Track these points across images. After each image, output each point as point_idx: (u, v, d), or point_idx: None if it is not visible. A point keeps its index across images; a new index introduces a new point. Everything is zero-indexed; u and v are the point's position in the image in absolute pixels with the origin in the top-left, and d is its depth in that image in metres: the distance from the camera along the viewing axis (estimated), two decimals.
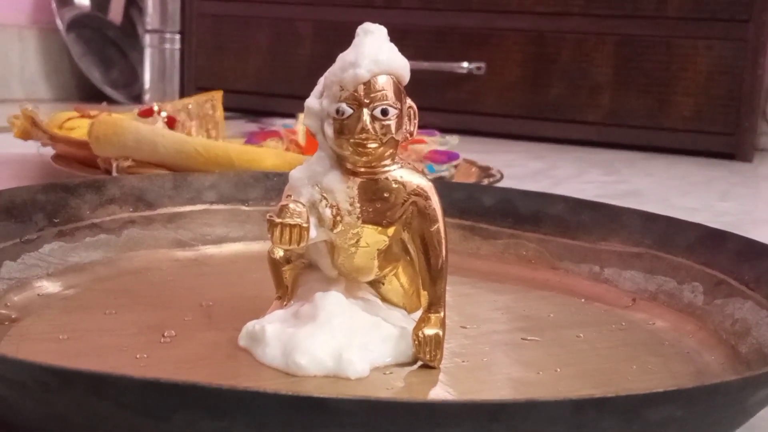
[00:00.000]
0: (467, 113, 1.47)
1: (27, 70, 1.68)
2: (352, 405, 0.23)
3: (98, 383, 0.24)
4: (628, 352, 0.40)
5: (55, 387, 0.24)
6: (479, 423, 0.24)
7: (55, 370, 0.24)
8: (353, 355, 0.34)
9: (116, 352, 0.36)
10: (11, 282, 0.42)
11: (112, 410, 0.24)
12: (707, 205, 0.92)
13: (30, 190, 0.47)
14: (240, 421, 0.23)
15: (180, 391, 0.23)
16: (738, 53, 1.31)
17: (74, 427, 0.26)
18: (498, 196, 0.56)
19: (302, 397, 0.23)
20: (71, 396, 0.25)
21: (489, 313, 0.44)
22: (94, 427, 0.25)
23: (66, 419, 0.26)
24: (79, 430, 0.26)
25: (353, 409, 0.23)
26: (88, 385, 0.24)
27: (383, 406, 0.24)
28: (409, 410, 0.24)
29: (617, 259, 0.50)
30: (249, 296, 0.42)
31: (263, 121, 1.40)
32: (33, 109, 0.78)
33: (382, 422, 0.23)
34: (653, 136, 1.38)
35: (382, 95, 0.34)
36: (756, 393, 0.29)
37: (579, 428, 0.25)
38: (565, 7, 1.40)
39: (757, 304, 0.41)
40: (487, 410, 0.23)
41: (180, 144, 0.67)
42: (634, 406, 0.25)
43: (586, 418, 0.24)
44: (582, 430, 0.25)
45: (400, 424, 0.23)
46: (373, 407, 0.23)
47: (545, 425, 0.24)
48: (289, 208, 0.35)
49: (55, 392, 0.25)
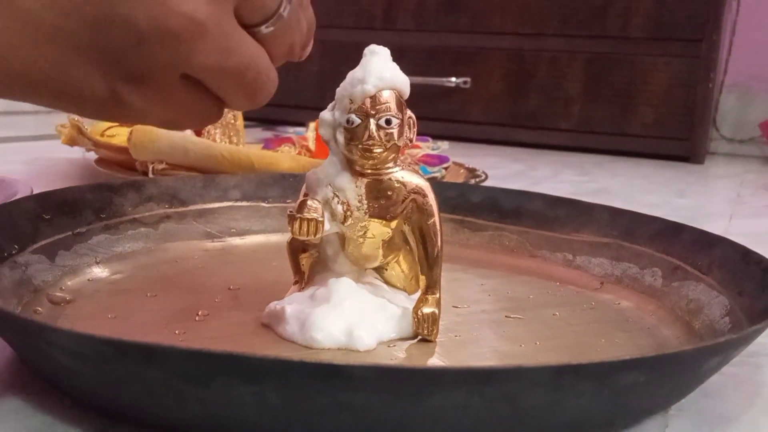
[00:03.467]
0: (455, 122, 1.47)
1: None
2: (364, 371, 0.23)
3: (149, 353, 0.24)
4: (598, 328, 0.40)
5: (111, 357, 0.25)
6: (473, 386, 0.24)
7: (112, 342, 0.24)
8: (362, 331, 0.35)
9: (157, 329, 0.36)
10: (65, 269, 0.42)
11: (160, 377, 0.24)
12: (666, 201, 0.92)
13: (80, 189, 0.47)
14: (270, 386, 0.24)
15: (219, 360, 0.23)
16: (692, 69, 1.32)
17: (127, 392, 0.26)
18: (484, 194, 0.56)
19: (323, 364, 0.24)
20: (125, 365, 0.25)
21: (477, 295, 0.44)
22: (144, 392, 0.26)
23: (120, 385, 0.26)
24: (130, 394, 0.26)
25: (365, 374, 0.23)
26: (140, 355, 0.24)
27: (391, 372, 0.24)
28: (413, 375, 0.24)
29: (588, 248, 0.50)
30: (270, 281, 0.42)
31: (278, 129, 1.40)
32: (79, 119, 0.79)
33: (390, 386, 0.24)
34: (618, 142, 1.38)
35: (386, 107, 0.35)
36: (708, 361, 0.29)
37: (558, 390, 0.25)
38: (541, 28, 1.40)
39: (709, 286, 0.41)
40: (480, 375, 0.24)
41: (207, 149, 0.67)
42: (605, 372, 0.25)
43: (564, 383, 0.25)
44: (560, 392, 0.25)
45: (405, 387, 0.24)
46: (382, 373, 0.24)
47: (529, 388, 0.24)
48: (307, 205, 0.36)
49: (111, 361, 0.25)
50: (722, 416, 0.32)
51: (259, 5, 0.30)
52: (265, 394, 0.24)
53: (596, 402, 0.26)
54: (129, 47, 0.27)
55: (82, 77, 0.28)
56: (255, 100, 0.32)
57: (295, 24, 0.33)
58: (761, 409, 0.33)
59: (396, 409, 0.24)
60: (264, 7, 0.30)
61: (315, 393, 0.24)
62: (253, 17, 0.30)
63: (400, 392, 0.24)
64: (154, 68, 0.28)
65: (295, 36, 0.33)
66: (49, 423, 0.27)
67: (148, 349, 0.24)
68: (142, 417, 0.27)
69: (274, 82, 0.33)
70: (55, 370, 0.28)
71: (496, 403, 0.25)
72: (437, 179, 0.77)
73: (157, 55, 0.28)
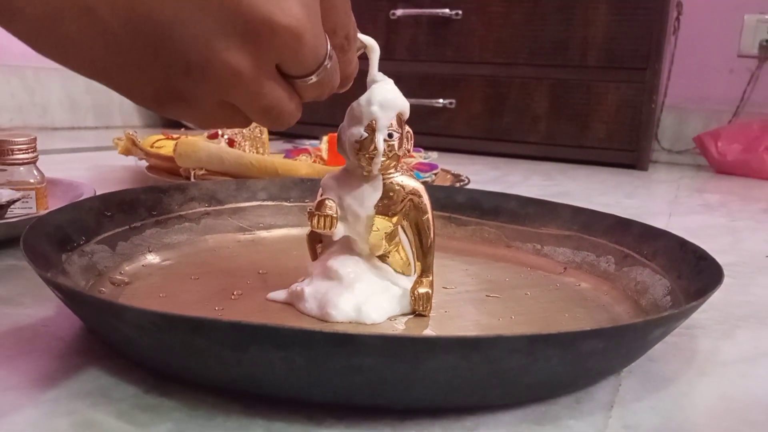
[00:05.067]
0: (443, 136, 1.47)
1: (124, 104, 1.67)
2: (373, 339, 0.24)
3: (196, 325, 0.24)
4: (562, 305, 0.40)
5: (165, 328, 0.25)
6: (462, 352, 0.24)
7: (165, 316, 0.24)
8: (370, 308, 0.35)
9: (200, 305, 0.36)
10: (123, 256, 0.42)
11: (205, 345, 0.25)
12: (617, 201, 0.92)
13: (135, 191, 0.47)
14: (296, 351, 0.24)
15: (254, 330, 0.24)
16: (638, 92, 1.32)
17: (177, 358, 0.26)
18: (467, 195, 0.56)
19: (339, 333, 0.24)
20: (176, 334, 0.25)
21: (462, 278, 0.45)
22: (191, 357, 0.26)
23: (171, 352, 0.26)
24: (180, 360, 0.26)
25: (374, 342, 0.24)
26: (189, 326, 0.24)
27: (395, 340, 0.24)
28: (413, 343, 0.24)
29: (553, 240, 0.50)
30: (292, 266, 0.43)
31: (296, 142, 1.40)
32: (134, 133, 0.79)
33: (394, 351, 0.24)
34: (577, 153, 1.38)
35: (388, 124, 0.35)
36: (653, 332, 0.30)
37: (531, 355, 0.25)
38: (513, 59, 1.40)
39: (653, 271, 0.41)
40: (468, 343, 0.24)
41: (239, 158, 0.66)
42: (570, 340, 0.25)
43: (536, 349, 0.25)
44: (533, 356, 0.25)
45: (406, 352, 0.24)
46: (388, 341, 0.24)
47: (508, 354, 0.25)
48: (324, 203, 0.36)
49: (165, 331, 0.25)
50: (664, 377, 0.32)
51: (302, 63, 0.28)
52: (292, 358, 0.24)
53: (562, 365, 0.26)
54: (179, 73, 0.27)
55: (136, 85, 0.28)
56: (276, 127, 0.31)
57: (333, 75, 0.31)
58: (696, 372, 0.33)
59: (399, 371, 0.24)
60: (307, 64, 0.29)
61: (332, 357, 0.24)
62: (296, 72, 0.29)
63: (403, 357, 0.24)
64: (195, 92, 0.28)
65: (329, 85, 0.31)
66: (113, 382, 0.28)
67: (196, 322, 0.24)
68: (189, 377, 0.27)
69: (296, 117, 0.31)
70: (118, 338, 0.28)
71: (480, 366, 0.25)
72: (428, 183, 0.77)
73: (199, 85, 0.27)
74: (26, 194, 0.52)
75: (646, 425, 0.27)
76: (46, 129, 1.47)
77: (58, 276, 0.33)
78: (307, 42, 0.27)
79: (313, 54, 0.28)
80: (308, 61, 0.28)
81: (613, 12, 1.32)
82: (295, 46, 0.27)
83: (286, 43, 0.27)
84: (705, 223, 0.79)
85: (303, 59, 0.28)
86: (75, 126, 1.56)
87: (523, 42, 1.39)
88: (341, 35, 0.30)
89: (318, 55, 0.29)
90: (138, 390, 0.27)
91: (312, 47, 0.28)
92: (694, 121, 1.55)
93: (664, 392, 0.30)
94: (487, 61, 1.43)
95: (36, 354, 0.30)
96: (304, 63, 0.28)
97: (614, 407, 0.28)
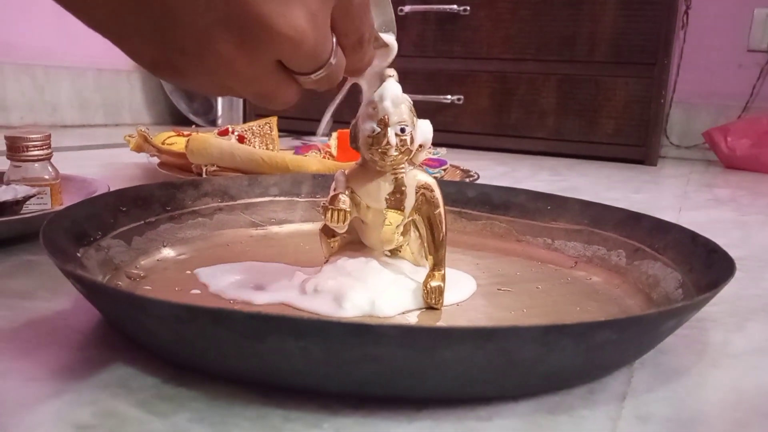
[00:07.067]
0: (451, 132, 1.47)
1: (134, 102, 1.68)
2: (389, 330, 0.24)
3: (216, 316, 0.24)
4: (573, 299, 0.40)
5: (185, 318, 0.25)
6: (477, 342, 0.24)
7: (185, 307, 0.25)
8: (383, 301, 0.35)
9: (214, 298, 0.36)
10: (139, 251, 0.42)
11: (224, 335, 0.25)
12: (625, 196, 0.92)
13: (149, 187, 0.47)
14: (313, 341, 0.24)
15: (273, 321, 0.24)
16: (647, 88, 1.31)
17: (196, 348, 0.27)
18: (477, 190, 0.56)
19: (356, 324, 0.24)
20: (196, 325, 0.25)
21: (474, 272, 0.44)
22: (210, 347, 0.26)
23: (191, 341, 0.26)
24: (199, 349, 0.27)
25: (390, 332, 0.24)
26: (209, 317, 0.24)
27: (411, 330, 0.24)
28: (429, 333, 0.24)
29: (564, 234, 0.50)
30: (303, 261, 0.43)
31: (305, 139, 1.40)
32: (146, 130, 0.79)
33: (410, 342, 0.24)
34: (585, 148, 1.38)
35: (401, 119, 0.35)
36: (665, 324, 0.30)
37: (545, 346, 0.25)
38: (521, 55, 1.40)
39: (664, 264, 0.41)
40: (483, 333, 0.24)
41: (250, 154, 0.67)
42: (583, 332, 0.26)
43: (551, 340, 0.25)
44: (547, 347, 0.25)
45: (422, 343, 0.24)
46: (404, 331, 0.24)
47: (522, 344, 0.25)
48: (337, 198, 0.36)
49: (184, 322, 0.25)
50: (676, 369, 0.32)
51: (301, 67, 0.28)
52: (310, 348, 0.24)
53: (576, 356, 0.26)
54: (175, 51, 0.27)
55: (137, 50, 0.27)
56: (269, 108, 0.31)
57: (337, 72, 0.30)
58: (707, 364, 0.33)
59: (414, 361, 0.25)
60: (306, 67, 0.29)
61: (349, 347, 0.24)
62: (296, 70, 0.29)
63: (418, 347, 0.24)
64: (189, 70, 0.28)
65: (331, 81, 0.31)
66: (131, 372, 0.28)
67: (216, 313, 0.24)
68: (208, 367, 0.27)
69: (293, 101, 0.31)
70: (138, 330, 0.29)
71: (495, 356, 0.25)
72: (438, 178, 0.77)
73: (193, 65, 0.27)
74: (41, 190, 0.52)
75: (658, 416, 0.27)
76: (56, 127, 1.48)
77: (77, 269, 0.33)
78: (306, 51, 0.27)
79: (313, 59, 0.28)
80: (307, 65, 0.29)
81: (621, 7, 1.31)
82: (294, 53, 0.27)
83: (285, 48, 0.27)
84: (715, 218, 0.78)
85: (302, 63, 0.28)
86: (85, 123, 1.56)
87: (531, 37, 1.39)
88: (353, 38, 0.30)
89: (319, 60, 0.29)
90: (157, 380, 0.27)
91: (312, 54, 0.28)
92: (703, 117, 1.55)
93: (676, 383, 0.31)
94: (495, 56, 1.43)
95: (56, 347, 0.30)
96: (303, 66, 0.29)
97: (627, 398, 0.29)
